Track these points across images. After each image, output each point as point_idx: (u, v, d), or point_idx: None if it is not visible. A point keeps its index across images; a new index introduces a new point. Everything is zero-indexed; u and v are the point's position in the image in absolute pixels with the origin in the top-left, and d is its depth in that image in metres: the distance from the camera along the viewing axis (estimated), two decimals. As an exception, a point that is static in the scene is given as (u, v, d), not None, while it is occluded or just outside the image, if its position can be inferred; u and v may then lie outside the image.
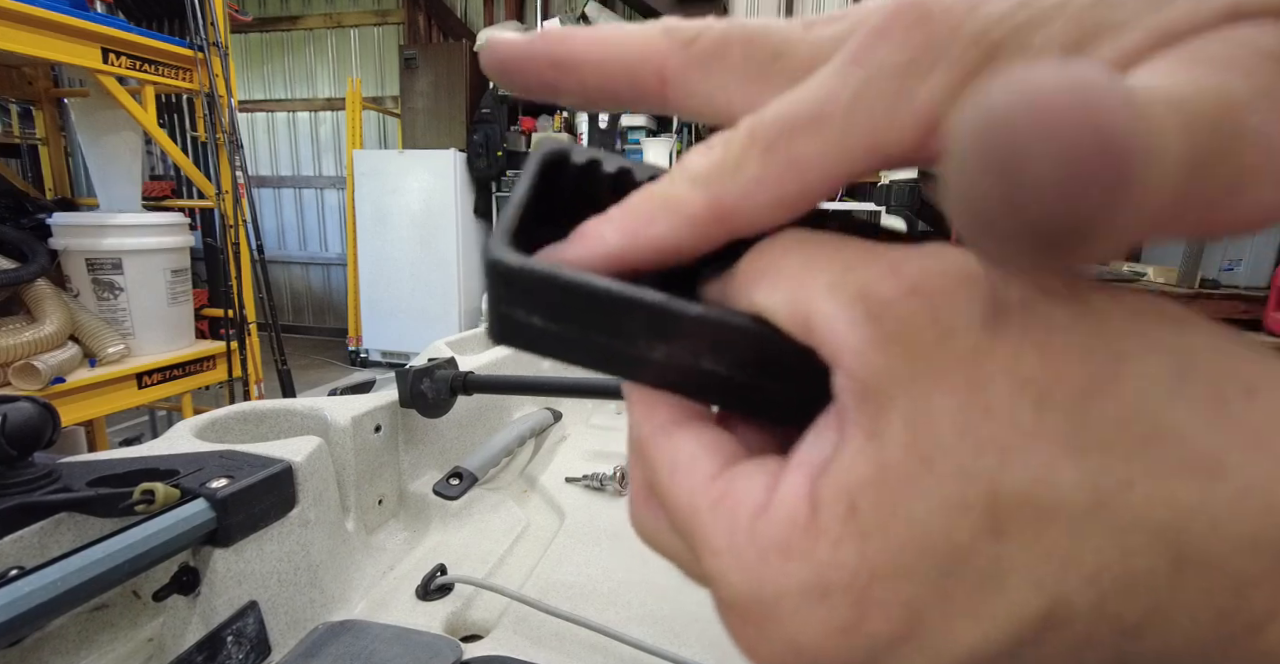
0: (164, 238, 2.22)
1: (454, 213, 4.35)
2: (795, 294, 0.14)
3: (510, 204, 0.16)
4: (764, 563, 0.13)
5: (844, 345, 0.13)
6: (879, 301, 0.12)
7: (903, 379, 0.12)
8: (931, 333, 0.12)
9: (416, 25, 5.03)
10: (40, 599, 0.44)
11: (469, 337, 1.36)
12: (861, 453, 0.12)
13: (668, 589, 0.75)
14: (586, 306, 0.15)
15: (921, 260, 0.13)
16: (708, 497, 0.15)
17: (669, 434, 0.16)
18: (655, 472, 0.16)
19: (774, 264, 0.14)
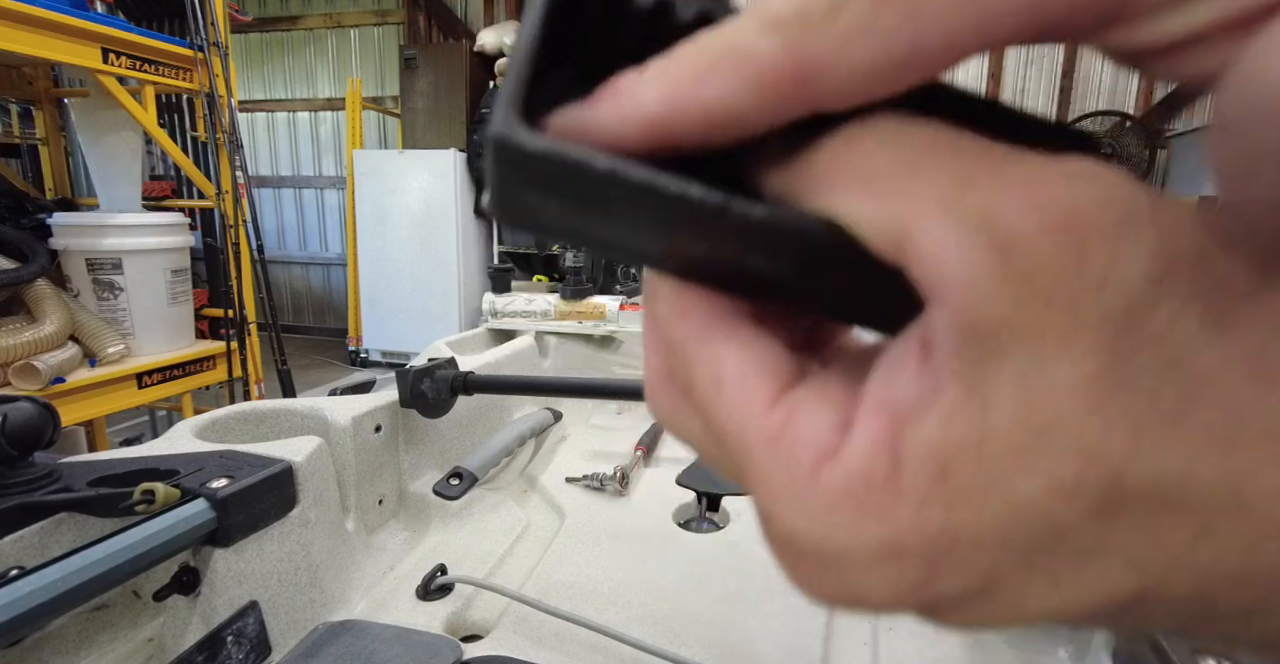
0: (164, 238, 2.22)
1: (454, 213, 4.35)
2: (892, 205, 0.11)
3: (515, 57, 0.13)
4: (832, 514, 0.12)
5: (955, 278, 0.10)
6: (1010, 232, 0.10)
7: (1026, 330, 0.10)
8: (1076, 282, 0.10)
9: (416, 25, 5.03)
10: (40, 599, 0.44)
11: (469, 336, 1.36)
12: (961, 411, 0.11)
13: (668, 589, 0.75)
14: (618, 198, 0.12)
15: (1070, 185, 0.10)
16: (763, 429, 0.13)
17: (708, 341, 0.14)
18: (693, 379, 0.14)
19: (864, 161, 0.12)
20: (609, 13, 0.14)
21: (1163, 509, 0.10)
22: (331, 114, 5.53)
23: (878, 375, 0.13)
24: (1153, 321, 0.10)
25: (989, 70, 4.23)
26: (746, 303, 0.15)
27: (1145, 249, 0.10)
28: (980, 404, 0.11)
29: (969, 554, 0.11)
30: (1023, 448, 0.10)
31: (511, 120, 0.12)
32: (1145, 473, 0.10)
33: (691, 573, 0.78)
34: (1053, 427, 0.10)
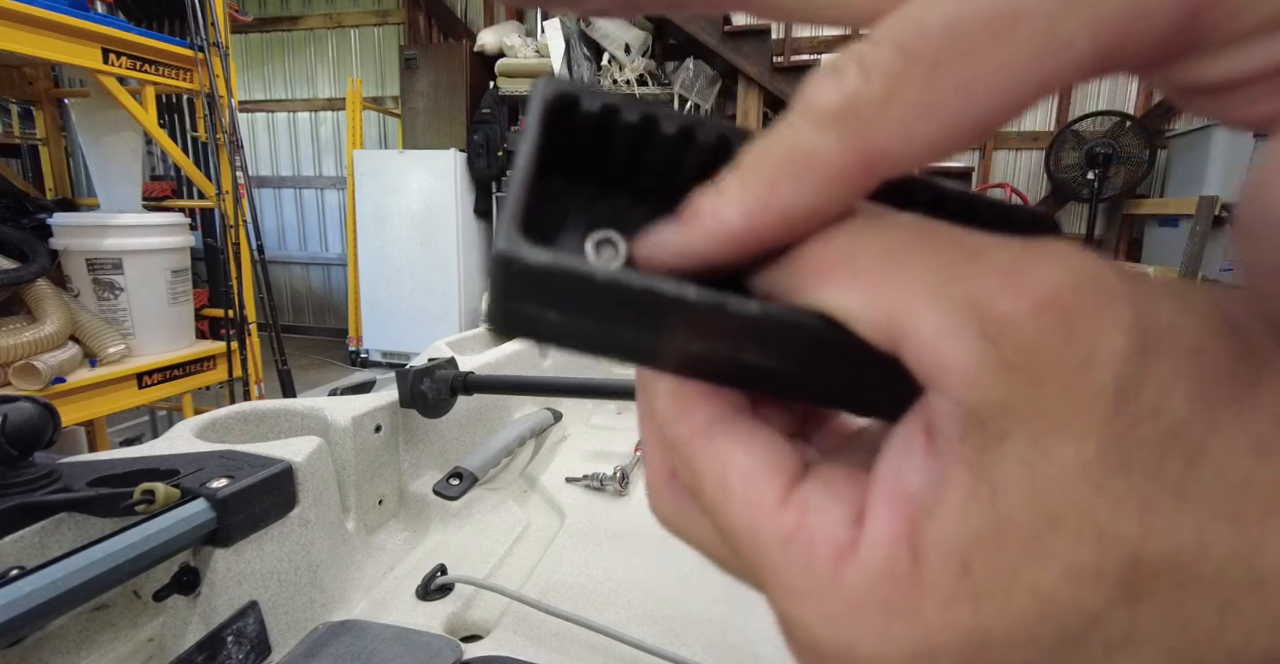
0: (164, 238, 2.22)
1: (454, 213, 4.35)
2: (880, 297, 0.11)
3: (514, 178, 0.14)
4: (858, 617, 0.11)
5: (950, 367, 0.11)
6: (997, 319, 0.10)
7: (1023, 414, 0.10)
8: (1065, 362, 0.10)
9: (417, 25, 5.03)
10: (41, 599, 0.44)
11: (469, 336, 1.36)
12: (973, 500, 0.11)
13: (668, 589, 0.75)
14: (618, 304, 0.13)
15: (1046, 267, 0.11)
16: (777, 529, 0.13)
17: (711, 438, 0.14)
18: (699, 482, 0.14)
19: (850, 255, 0.12)
20: (599, 127, 0.14)
21: (1184, 586, 0.10)
22: (332, 114, 5.53)
23: (885, 465, 0.13)
24: (1144, 396, 0.10)
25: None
26: (745, 396, 0.15)
27: (1124, 323, 0.10)
28: (990, 491, 0.11)
29: (1002, 653, 0.11)
30: (1039, 534, 0.10)
31: (515, 237, 0.12)
32: (1160, 550, 0.10)
33: (691, 573, 0.78)
34: (1065, 510, 0.10)
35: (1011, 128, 4.26)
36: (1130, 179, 3.86)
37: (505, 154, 4.35)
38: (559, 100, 0.14)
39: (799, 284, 0.13)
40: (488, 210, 4.57)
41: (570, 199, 0.15)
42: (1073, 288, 0.10)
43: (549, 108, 0.14)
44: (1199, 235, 3.28)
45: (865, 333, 0.12)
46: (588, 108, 0.14)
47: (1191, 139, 3.64)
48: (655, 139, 0.14)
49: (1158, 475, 0.10)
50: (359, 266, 4.60)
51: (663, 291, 0.12)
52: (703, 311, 0.12)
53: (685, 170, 0.15)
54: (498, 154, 4.33)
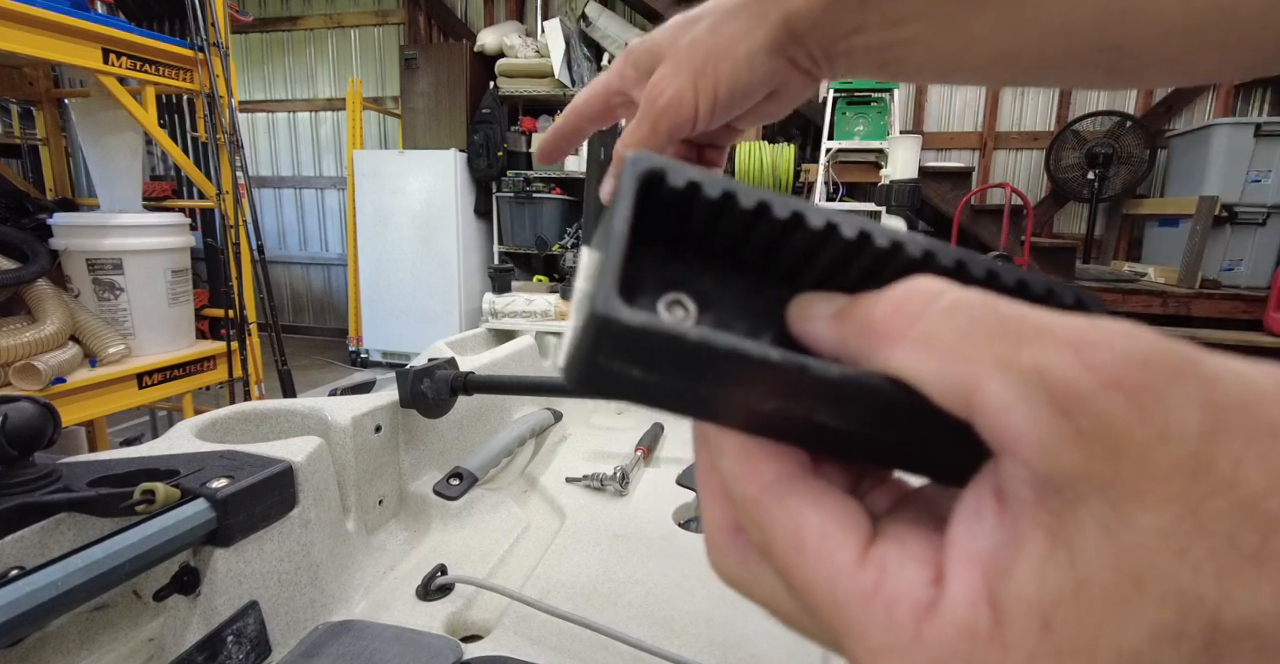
0: (164, 238, 2.22)
1: (454, 213, 4.35)
2: (953, 365, 0.12)
3: (612, 241, 0.14)
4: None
5: (1025, 437, 0.11)
6: (1071, 393, 0.11)
7: (1101, 483, 0.11)
8: (1140, 436, 0.11)
9: (417, 25, 5.03)
10: (41, 599, 0.44)
11: (469, 336, 1.36)
12: (1051, 561, 0.11)
13: (668, 589, 0.75)
14: (703, 362, 0.13)
15: (1113, 343, 0.11)
16: (857, 588, 0.13)
17: (782, 499, 0.15)
18: (770, 541, 0.15)
19: (920, 322, 0.13)
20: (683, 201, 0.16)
21: (1265, 650, 0.10)
22: (332, 114, 5.53)
23: (959, 526, 0.13)
24: (1216, 470, 0.10)
25: (989, 70, 4.22)
26: (807, 455, 0.16)
27: (1196, 400, 0.11)
28: (1068, 553, 0.11)
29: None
30: (1123, 595, 0.11)
31: (613, 298, 0.13)
32: (1240, 615, 0.10)
33: (691, 573, 0.78)
34: (1146, 572, 0.10)
35: (1012, 127, 4.26)
36: (1130, 179, 3.85)
37: (505, 154, 4.35)
38: (650, 176, 0.15)
39: (871, 350, 0.14)
40: (488, 210, 4.57)
41: (646, 261, 0.16)
42: (1142, 364, 0.11)
43: (641, 184, 0.15)
44: (1199, 235, 3.27)
45: (939, 399, 0.12)
46: (674, 183, 0.15)
47: (1191, 139, 3.64)
48: (733, 213, 0.16)
49: (1234, 545, 0.10)
50: (359, 266, 4.60)
51: (749, 353, 0.13)
52: (784, 373, 0.13)
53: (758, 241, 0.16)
54: (498, 154, 4.33)
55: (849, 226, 0.15)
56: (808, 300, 0.16)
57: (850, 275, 0.16)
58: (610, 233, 0.14)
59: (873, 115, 3.66)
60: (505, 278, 1.73)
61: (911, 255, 0.16)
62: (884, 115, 3.65)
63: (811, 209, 0.15)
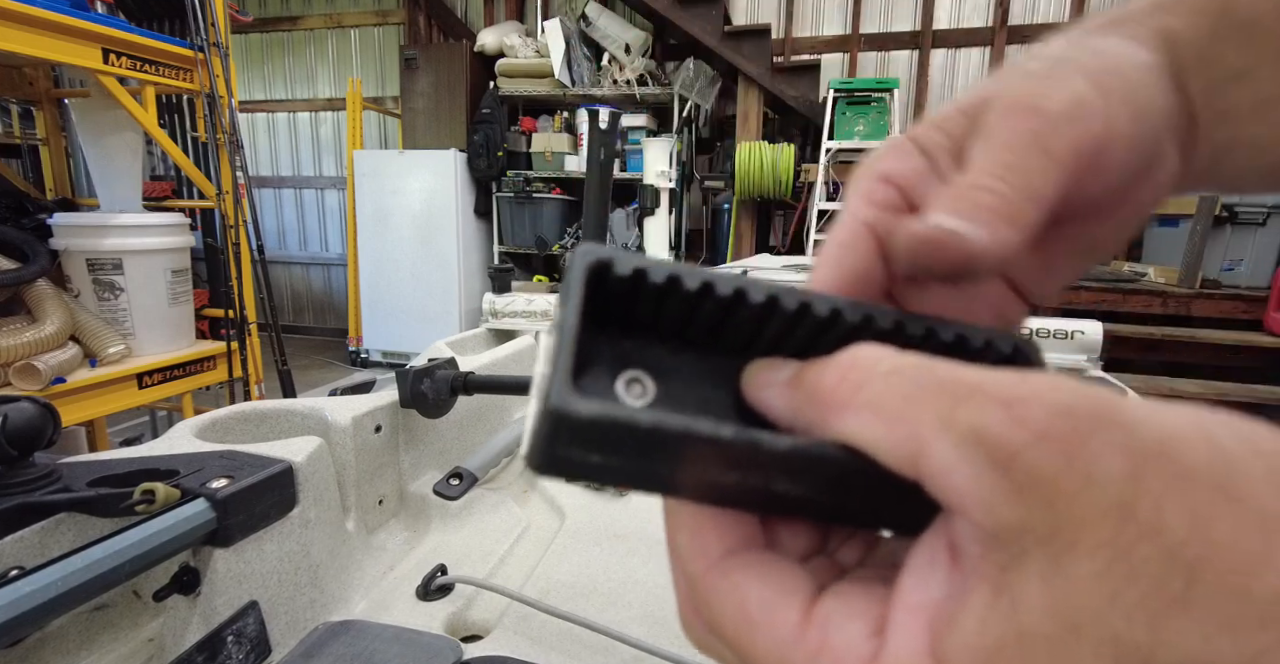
0: (164, 238, 2.22)
1: (454, 213, 4.35)
2: (898, 430, 0.13)
3: (563, 335, 0.15)
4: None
5: (969, 496, 0.12)
6: (1004, 449, 0.11)
7: (1038, 534, 0.11)
8: (1069, 484, 0.11)
9: (417, 25, 5.03)
10: (41, 599, 0.44)
11: (469, 336, 1.36)
12: (994, 611, 0.11)
13: (668, 589, 0.75)
14: (658, 444, 0.14)
15: (1040, 396, 0.12)
16: (801, 650, 0.14)
17: (727, 574, 0.15)
18: (718, 617, 0.15)
19: (863, 390, 0.14)
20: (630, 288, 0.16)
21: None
22: (332, 114, 5.54)
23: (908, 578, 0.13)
24: (1140, 515, 0.11)
25: (989, 70, 4.23)
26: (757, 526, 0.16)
27: (1117, 445, 0.11)
28: (1011, 604, 0.11)
29: None
30: (1062, 642, 0.11)
31: (567, 394, 0.14)
32: (1172, 658, 0.10)
33: (691, 573, 0.78)
34: (1082, 620, 0.11)
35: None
36: (1130, 179, 3.85)
37: (505, 154, 4.35)
38: (597, 267, 0.16)
39: (822, 420, 0.14)
40: (488, 210, 4.57)
41: (601, 343, 0.17)
42: (1066, 414, 0.11)
43: (590, 275, 0.16)
44: (1199, 235, 3.27)
45: (889, 463, 0.13)
46: (620, 272, 0.16)
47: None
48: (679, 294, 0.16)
49: (1162, 589, 0.10)
50: (359, 266, 4.60)
51: (701, 433, 0.14)
52: (738, 449, 0.14)
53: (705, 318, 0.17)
54: (498, 154, 4.33)
55: (789, 299, 0.16)
56: (758, 369, 0.17)
57: (797, 341, 0.17)
58: (562, 325, 0.15)
59: (873, 115, 3.66)
60: (505, 278, 1.72)
61: (850, 322, 0.17)
62: (884, 115, 3.65)
63: (753, 286, 0.16)
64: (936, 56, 4.33)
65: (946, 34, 4.29)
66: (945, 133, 0.19)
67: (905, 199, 0.19)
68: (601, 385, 0.17)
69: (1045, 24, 4.13)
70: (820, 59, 4.25)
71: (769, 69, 3.96)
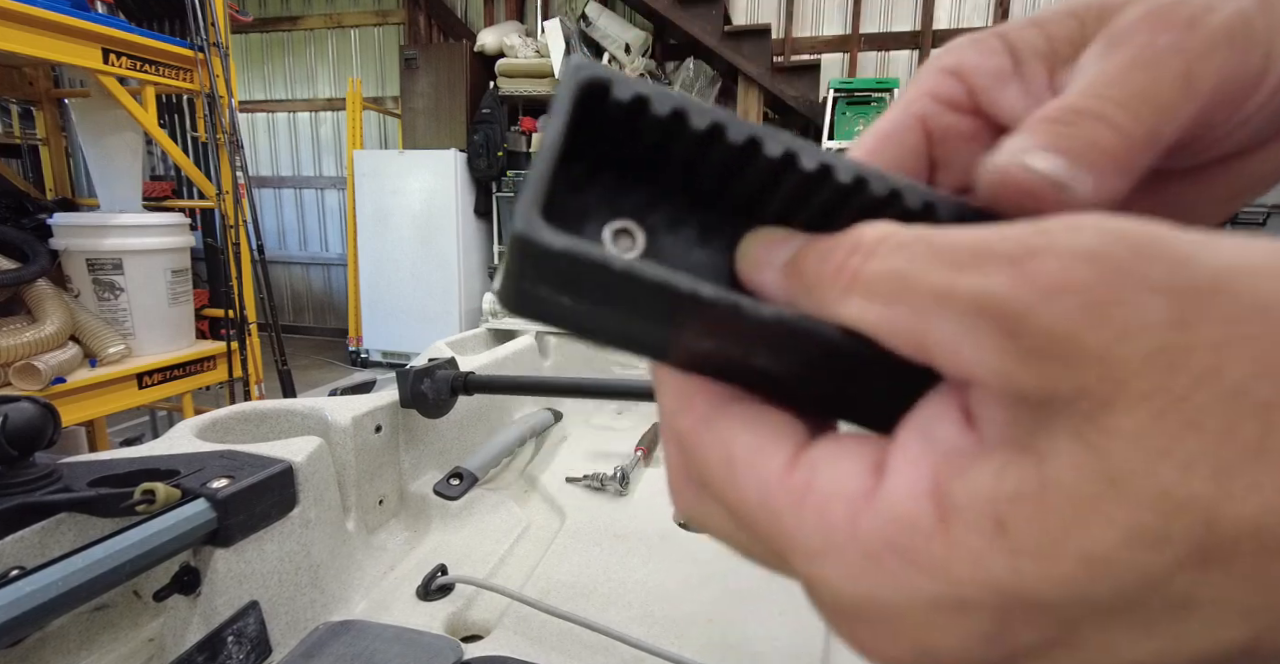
0: (164, 238, 2.22)
1: (454, 213, 4.35)
2: (898, 310, 0.11)
3: (540, 155, 0.13)
4: (879, 568, 0.11)
5: (979, 369, 0.11)
6: (1011, 313, 0.10)
7: (1067, 396, 0.10)
8: (1095, 339, 0.10)
9: (417, 25, 5.03)
10: (41, 599, 0.44)
11: (469, 337, 1.36)
12: (1015, 464, 0.10)
13: (668, 589, 0.75)
14: (631, 295, 0.13)
15: (1054, 244, 0.10)
16: (787, 493, 0.12)
17: (712, 425, 0.14)
18: (705, 468, 0.14)
19: (860, 270, 0.12)
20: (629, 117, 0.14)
21: (1267, 550, 0.09)
22: (332, 114, 5.53)
23: (911, 428, 0.12)
24: (1195, 360, 0.09)
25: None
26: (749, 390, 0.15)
27: (1158, 287, 0.10)
28: (1035, 458, 0.10)
29: (1044, 608, 0.10)
30: (1092, 498, 0.10)
31: (534, 219, 0.12)
32: (1242, 513, 0.09)
33: (691, 573, 0.78)
34: (1122, 475, 0.10)
35: (1012, 128, 4.25)
36: (1130, 179, 3.85)
37: (505, 154, 4.35)
38: (591, 85, 0.13)
39: (820, 307, 0.13)
40: (488, 210, 4.57)
41: (594, 186, 0.15)
42: (1088, 259, 0.10)
43: (580, 92, 0.13)
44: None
45: (895, 348, 0.12)
46: (618, 96, 0.14)
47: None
48: (684, 134, 0.14)
49: (1232, 437, 0.09)
50: (359, 266, 4.60)
51: (677, 287, 0.12)
52: (716, 311, 0.12)
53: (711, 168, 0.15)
54: (498, 154, 4.33)
55: (809, 158, 0.14)
56: (757, 243, 0.15)
57: (813, 209, 0.15)
58: (541, 146, 0.13)
59: (873, 115, 3.66)
60: (505, 278, 1.72)
61: (875, 194, 0.14)
62: (884, 115, 3.65)
63: (770, 135, 0.14)
64: (936, 56, 4.33)
65: (947, 34, 4.29)
66: (1045, 34, 0.16)
67: (972, 102, 0.16)
68: (588, 233, 0.15)
69: (1045, 24, 4.12)
70: (820, 59, 4.25)
71: (769, 69, 3.95)
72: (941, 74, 0.17)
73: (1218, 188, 0.17)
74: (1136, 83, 0.14)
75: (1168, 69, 0.14)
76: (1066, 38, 0.15)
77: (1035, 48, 0.16)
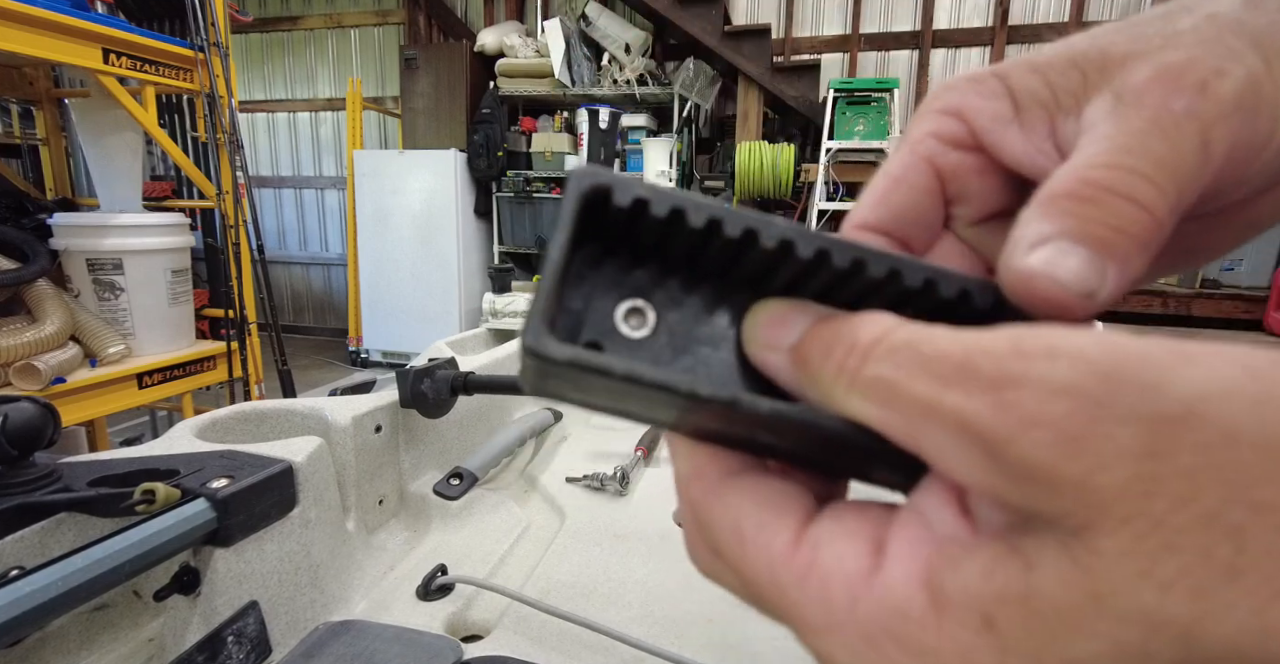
0: (164, 238, 2.22)
1: (454, 213, 4.35)
2: (892, 415, 0.12)
3: (546, 269, 0.14)
4: (874, 649, 0.12)
5: (967, 480, 0.11)
6: (993, 441, 0.11)
7: (1051, 516, 0.10)
8: (1072, 470, 0.10)
9: (417, 25, 5.03)
10: (41, 599, 0.44)
11: (469, 336, 1.37)
12: (1004, 564, 0.11)
13: (668, 589, 0.75)
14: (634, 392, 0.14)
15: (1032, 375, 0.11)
16: (791, 570, 0.13)
17: (722, 497, 0.15)
18: (717, 538, 0.15)
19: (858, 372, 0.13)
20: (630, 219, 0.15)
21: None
22: (332, 114, 5.53)
23: (910, 510, 0.13)
24: (1169, 487, 0.10)
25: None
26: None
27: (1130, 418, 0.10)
28: (1024, 564, 0.11)
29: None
30: (1077, 610, 0.10)
31: (542, 333, 0.14)
32: (1218, 634, 0.10)
33: (691, 573, 0.78)
34: (1106, 592, 0.10)
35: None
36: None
37: (505, 154, 4.35)
38: (593, 193, 0.15)
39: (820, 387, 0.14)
40: (488, 210, 4.57)
41: (605, 266, 0.16)
42: (1064, 393, 0.10)
43: (583, 201, 0.14)
44: (1199, 235, 3.27)
45: (891, 438, 0.12)
46: (619, 202, 0.15)
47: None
48: (683, 231, 0.15)
49: (1207, 560, 0.10)
50: (359, 266, 4.60)
51: (676, 387, 0.13)
52: (715, 406, 0.13)
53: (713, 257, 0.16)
54: (498, 154, 4.33)
55: (806, 246, 0.15)
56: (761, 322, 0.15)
57: (814, 287, 0.16)
58: (547, 258, 0.14)
59: (873, 115, 3.66)
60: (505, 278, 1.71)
61: (874, 276, 0.15)
62: (884, 115, 3.65)
63: (767, 227, 0.15)
64: (936, 56, 4.33)
65: (946, 34, 4.29)
66: (1046, 82, 0.16)
67: (975, 141, 0.17)
68: (600, 315, 0.16)
69: (1045, 24, 4.13)
70: (820, 59, 4.25)
71: (769, 69, 3.96)
72: (943, 115, 0.17)
73: (1227, 227, 0.17)
74: (1156, 151, 0.14)
75: (1185, 136, 0.14)
76: (1068, 88, 0.16)
77: (1036, 95, 0.16)
